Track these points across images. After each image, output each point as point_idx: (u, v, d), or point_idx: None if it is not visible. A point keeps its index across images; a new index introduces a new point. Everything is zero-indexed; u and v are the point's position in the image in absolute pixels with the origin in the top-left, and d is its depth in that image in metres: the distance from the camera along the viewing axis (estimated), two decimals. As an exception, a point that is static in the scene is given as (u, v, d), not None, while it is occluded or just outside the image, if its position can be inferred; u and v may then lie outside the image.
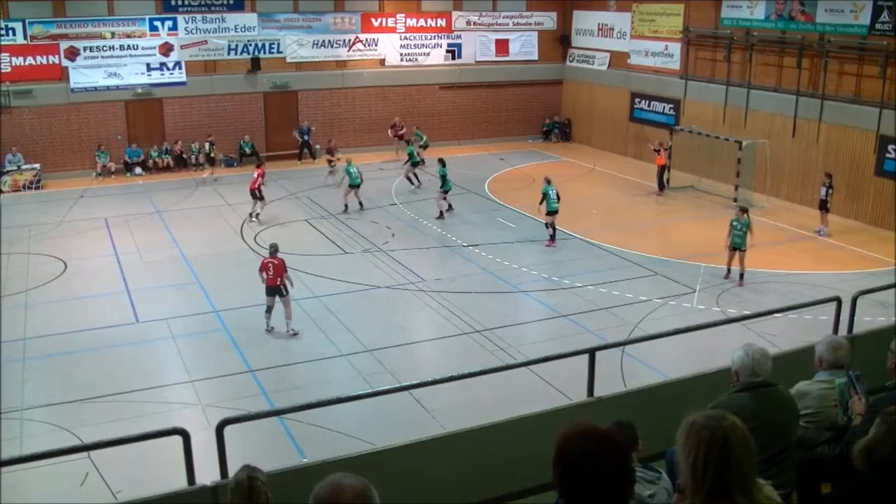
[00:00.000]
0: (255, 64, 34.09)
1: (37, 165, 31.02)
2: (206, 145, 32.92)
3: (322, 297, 19.06)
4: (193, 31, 33.20)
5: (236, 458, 5.66)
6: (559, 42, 38.64)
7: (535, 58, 38.57)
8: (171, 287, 19.94)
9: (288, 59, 34.69)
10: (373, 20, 35.67)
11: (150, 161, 32.80)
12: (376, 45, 35.87)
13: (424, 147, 32.03)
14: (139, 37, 32.72)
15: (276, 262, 16.93)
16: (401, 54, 36.32)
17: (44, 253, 22.55)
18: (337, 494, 2.86)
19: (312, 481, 2.98)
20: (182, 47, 33.17)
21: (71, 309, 18.46)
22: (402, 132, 33.96)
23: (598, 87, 36.65)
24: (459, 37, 37.17)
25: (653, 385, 7.86)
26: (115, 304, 18.86)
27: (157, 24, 32.82)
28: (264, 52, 34.22)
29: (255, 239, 23.57)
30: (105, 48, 32.34)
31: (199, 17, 33.19)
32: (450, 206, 25.77)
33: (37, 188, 30.45)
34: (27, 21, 31.31)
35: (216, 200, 27.90)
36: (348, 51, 35.49)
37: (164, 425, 9.70)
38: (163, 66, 33.10)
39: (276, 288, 16.87)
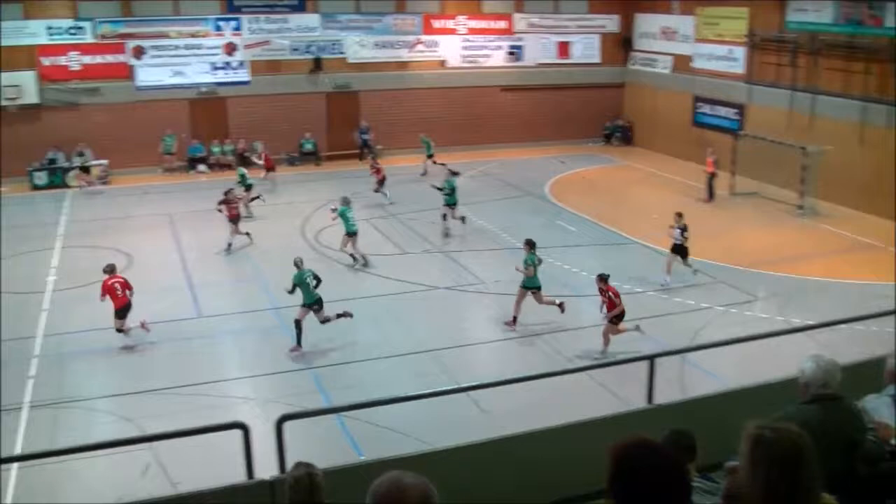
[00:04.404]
0: (317, 64, 34.41)
1: (104, 161, 31.72)
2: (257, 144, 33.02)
3: (381, 296, 19.15)
4: (257, 32, 33.65)
5: (293, 453, 5.70)
6: (621, 45, 38.33)
7: (597, 60, 38.30)
8: (232, 283, 20.22)
9: (349, 60, 34.96)
10: (434, 21, 35.78)
11: (213, 158, 33.31)
12: (437, 46, 35.97)
13: (429, 156, 31.94)
14: (204, 36, 33.27)
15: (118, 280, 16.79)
16: (462, 56, 36.35)
17: (110, 247, 22.99)
18: (398, 492, 2.86)
19: (369, 479, 2.98)
20: (246, 47, 33.65)
21: (134, 303, 18.78)
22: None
23: (661, 90, 36.27)
24: (521, 39, 37.09)
25: (712, 394, 7.75)
26: (178, 299, 19.16)
27: (222, 24, 33.35)
28: (326, 53, 34.54)
29: (316, 238, 23.77)
30: (171, 47, 32.95)
31: (262, 17, 33.66)
32: (462, 218, 24.41)
33: (104, 183, 31.10)
34: (96, 20, 32.04)
35: (277, 198, 28.18)
36: (409, 52, 35.64)
37: (223, 419, 9.78)
38: (227, 65, 33.62)
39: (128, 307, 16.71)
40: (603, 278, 16.13)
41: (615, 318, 15.93)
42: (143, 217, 26.38)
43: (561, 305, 17.34)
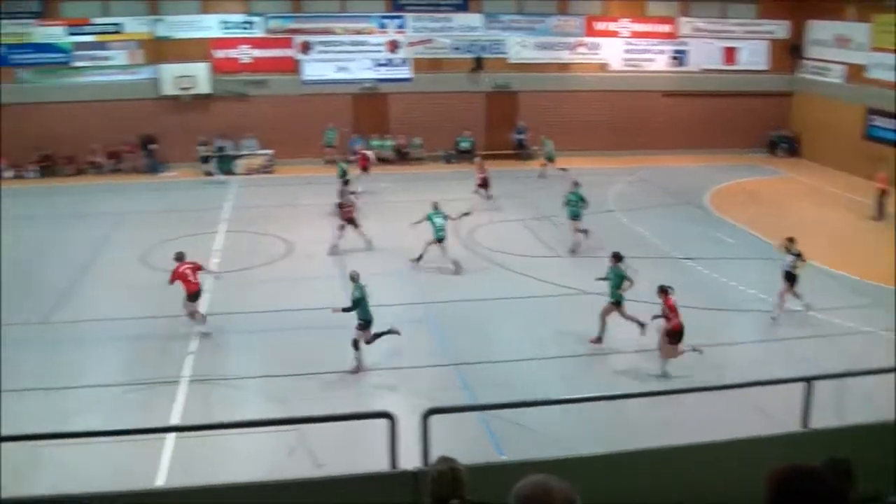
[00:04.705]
0: (478, 63, 34.67)
1: (269, 151, 32.97)
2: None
3: (530, 297, 19.10)
4: (420, 30, 34.21)
5: (436, 447, 5.75)
6: (789, 52, 36.84)
7: (764, 67, 37.00)
8: (384, 276, 20.56)
9: (510, 60, 35.06)
10: (596, 24, 35.44)
11: (372, 152, 34.02)
12: (599, 48, 35.60)
13: (549, 160, 31.30)
14: (368, 34, 34.09)
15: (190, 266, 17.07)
16: (623, 59, 35.85)
17: (271, 233, 23.85)
18: (543, 495, 2.85)
19: (510, 480, 2.98)
20: (409, 45, 34.27)
21: (292, 288, 19.42)
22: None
23: (832, 100, 34.60)
24: (685, 43, 36.26)
25: (873, 423, 7.35)
26: (333, 288, 19.66)
27: (386, 21, 34.07)
28: (487, 53, 34.75)
29: (471, 234, 23.93)
30: (336, 43, 33.95)
31: (425, 16, 34.18)
32: (585, 231, 22.98)
33: (268, 172, 32.30)
34: (267, 16, 33.35)
35: (433, 195, 28.42)
36: (570, 53, 35.42)
37: (368, 408, 10.04)
38: (389, 62, 34.34)
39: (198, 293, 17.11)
40: (663, 290, 15.33)
41: (671, 336, 15.09)
42: (304, 207, 27.25)
43: (643, 326, 16.47)
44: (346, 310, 15.41)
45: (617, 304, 16.53)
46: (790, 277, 18.06)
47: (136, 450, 11.70)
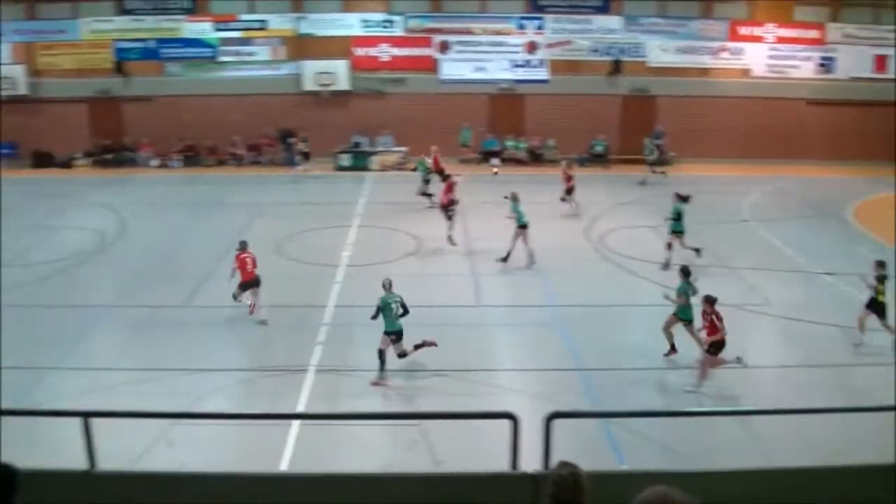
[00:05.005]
0: (616, 66, 34.25)
1: (404, 148, 33.44)
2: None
3: (661, 307, 18.62)
4: (559, 31, 34.01)
5: (556, 450, 5.71)
6: (950, 61, 34.92)
7: (919, 76, 35.18)
8: (513, 276, 20.58)
9: (649, 64, 34.48)
10: (741, 28, 34.47)
11: (506, 153, 34.11)
12: (742, 54, 34.62)
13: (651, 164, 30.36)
14: (507, 34, 34.11)
15: (250, 256, 17.87)
16: (767, 65, 34.73)
17: (402, 229, 24.19)
18: (666, 508, 2.80)
19: (630, 490, 2.94)
20: (547, 46, 34.13)
21: (420, 284, 19.63)
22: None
23: None
24: (834, 50, 34.82)
25: None
26: (460, 286, 19.80)
27: (525, 22, 34.02)
28: (626, 56, 34.27)
29: (602, 239, 23.68)
30: (474, 43, 34.12)
31: (564, 17, 33.95)
32: (697, 250, 21.64)
33: (401, 169, 32.78)
34: (406, 15, 33.82)
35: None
36: (712, 58, 34.55)
37: (490, 407, 10.04)
38: (527, 63, 34.28)
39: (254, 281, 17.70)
40: (710, 300, 14.59)
41: (713, 347, 14.40)
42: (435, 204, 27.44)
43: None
44: (372, 318, 15.19)
45: (686, 321, 15.86)
46: (875, 305, 16.51)
47: (262, 434, 12.07)
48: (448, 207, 23.04)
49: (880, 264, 16.85)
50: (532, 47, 34.25)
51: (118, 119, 35.09)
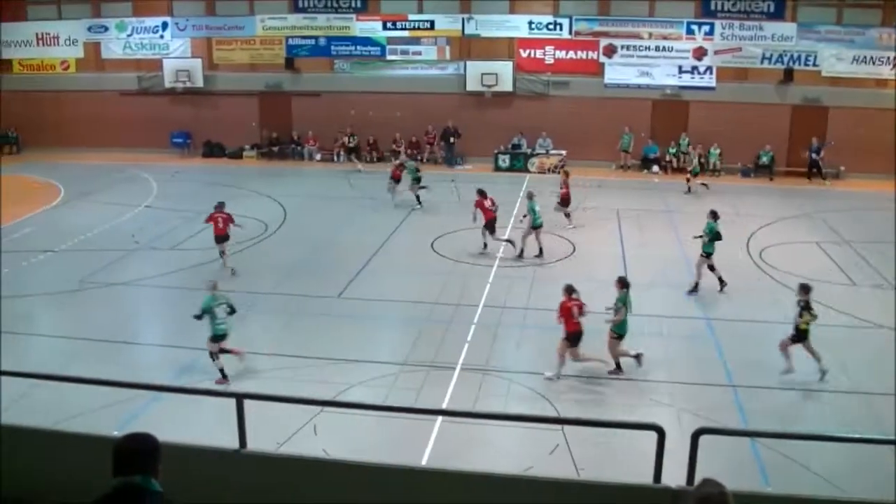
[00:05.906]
0: (788, 75, 33.00)
1: (563, 151, 33.31)
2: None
3: (822, 326, 17.80)
4: (729, 38, 33.04)
5: (700, 466, 5.58)
6: None
7: None
8: (666, 286, 20.14)
9: (822, 73, 33.02)
10: (928, 38, 32.58)
11: (667, 159, 33.46)
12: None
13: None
14: (675, 39, 33.42)
15: (223, 215, 20.70)
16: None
17: (556, 234, 24.07)
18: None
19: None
20: (715, 52, 33.22)
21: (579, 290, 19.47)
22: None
23: None
24: None
25: None
26: (611, 294, 19.50)
27: (694, 27, 33.22)
28: (798, 64, 32.95)
29: (760, 255, 22.90)
30: (641, 48, 33.58)
31: (736, 23, 32.95)
32: (722, 282, 19.92)
33: (556, 172, 32.59)
34: (573, 18, 33.61)
35: (727, 208, 27.46)
36: (892, 69, 32.77)
37: (637, 418, 9.90)
38: (694, 69, 33.48)
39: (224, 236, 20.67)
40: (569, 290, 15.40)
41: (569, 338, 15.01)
42: (592, 209, 27.27)
43: (637, 357, 15.47)
44: (196, 317, 14.77)
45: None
46: None
47: (405, 427, 12.28)
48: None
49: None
50: (700, 53, 33.40)
51: (287, 113, 36.46)
